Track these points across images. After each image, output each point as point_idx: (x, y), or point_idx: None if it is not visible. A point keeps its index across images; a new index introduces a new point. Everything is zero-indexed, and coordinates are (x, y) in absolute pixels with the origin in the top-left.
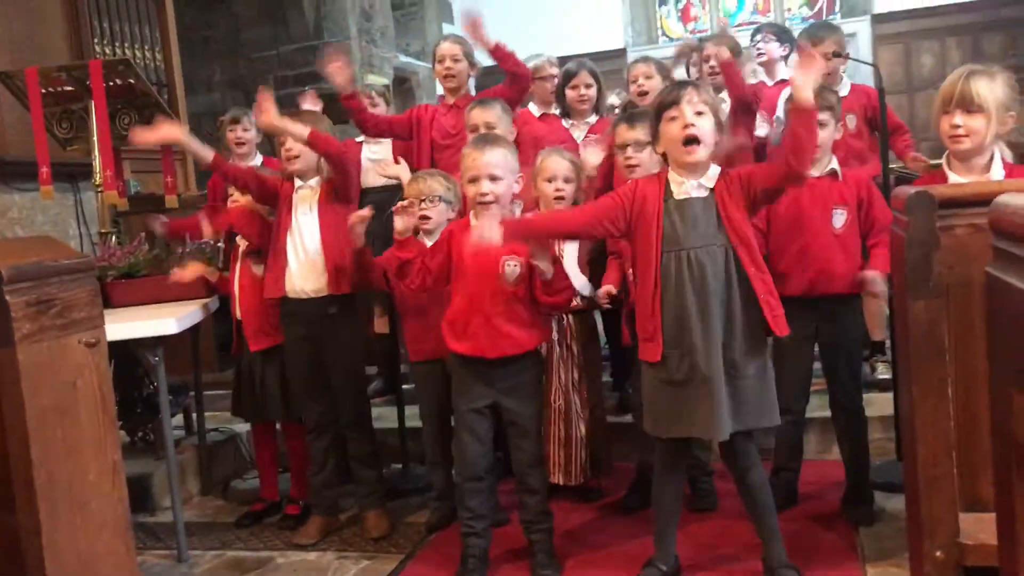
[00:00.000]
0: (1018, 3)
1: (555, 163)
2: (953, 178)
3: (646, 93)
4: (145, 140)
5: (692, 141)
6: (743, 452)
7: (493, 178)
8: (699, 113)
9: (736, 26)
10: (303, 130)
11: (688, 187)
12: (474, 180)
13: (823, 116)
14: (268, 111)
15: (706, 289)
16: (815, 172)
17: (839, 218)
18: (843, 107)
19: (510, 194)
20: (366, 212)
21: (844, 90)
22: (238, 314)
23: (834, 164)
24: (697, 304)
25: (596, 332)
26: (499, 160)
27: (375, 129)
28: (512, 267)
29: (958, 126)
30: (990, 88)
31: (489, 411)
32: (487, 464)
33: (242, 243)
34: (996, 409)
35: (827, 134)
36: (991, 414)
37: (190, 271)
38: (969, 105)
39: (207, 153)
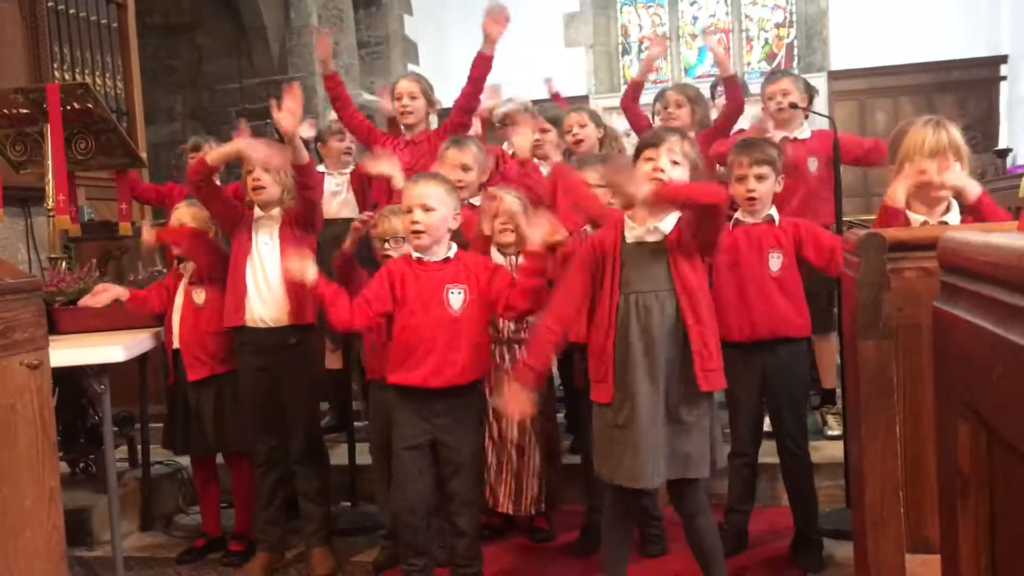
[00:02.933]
0: (969, 66)
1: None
2: (915, 217)
3: (581, 141)
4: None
5: None
6: (689, 497)
7: (425, 208)
8: (675, 163)
9: (696, 78)
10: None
11: (641, 231)
12: (408, 211)
13: (763, 169)
14: (296, 113)
15: (651, 334)
16: (751, 219)
17: (775, 261)
18: (804, 150)
19: (444, 226)
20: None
21: (805, 134)
22: (175, 343)
23: (771, 211)
24: (643, 349)
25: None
26: (431, 192)
27: (351, 119)
28: (456, 294)
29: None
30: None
31: (428, 447)
32: (428, 502)
33: (185, 271)
34: (941, 441)
35: (767, 187)
36: (936, 447)
37: (105, 295)
38: (957, 151)
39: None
